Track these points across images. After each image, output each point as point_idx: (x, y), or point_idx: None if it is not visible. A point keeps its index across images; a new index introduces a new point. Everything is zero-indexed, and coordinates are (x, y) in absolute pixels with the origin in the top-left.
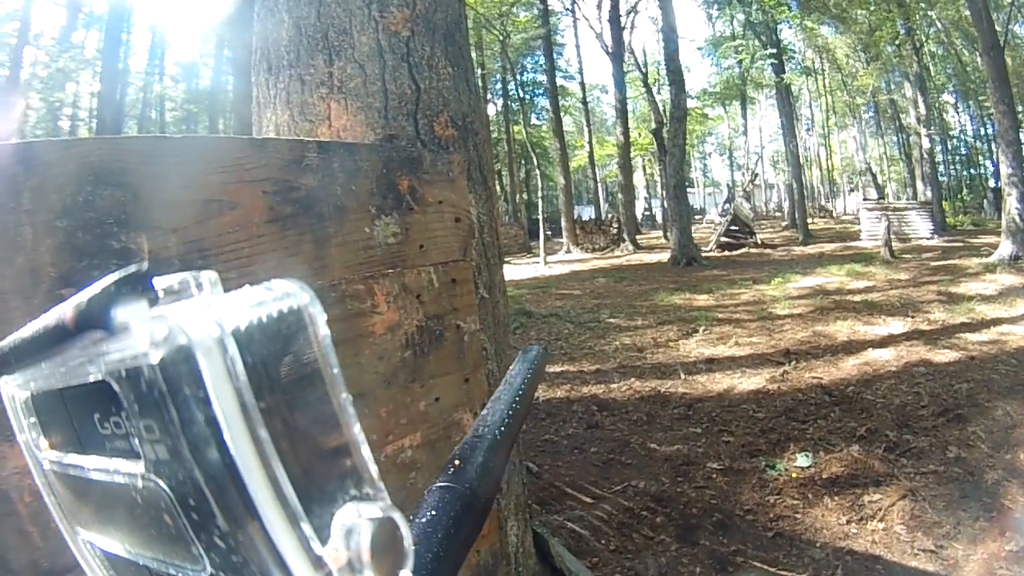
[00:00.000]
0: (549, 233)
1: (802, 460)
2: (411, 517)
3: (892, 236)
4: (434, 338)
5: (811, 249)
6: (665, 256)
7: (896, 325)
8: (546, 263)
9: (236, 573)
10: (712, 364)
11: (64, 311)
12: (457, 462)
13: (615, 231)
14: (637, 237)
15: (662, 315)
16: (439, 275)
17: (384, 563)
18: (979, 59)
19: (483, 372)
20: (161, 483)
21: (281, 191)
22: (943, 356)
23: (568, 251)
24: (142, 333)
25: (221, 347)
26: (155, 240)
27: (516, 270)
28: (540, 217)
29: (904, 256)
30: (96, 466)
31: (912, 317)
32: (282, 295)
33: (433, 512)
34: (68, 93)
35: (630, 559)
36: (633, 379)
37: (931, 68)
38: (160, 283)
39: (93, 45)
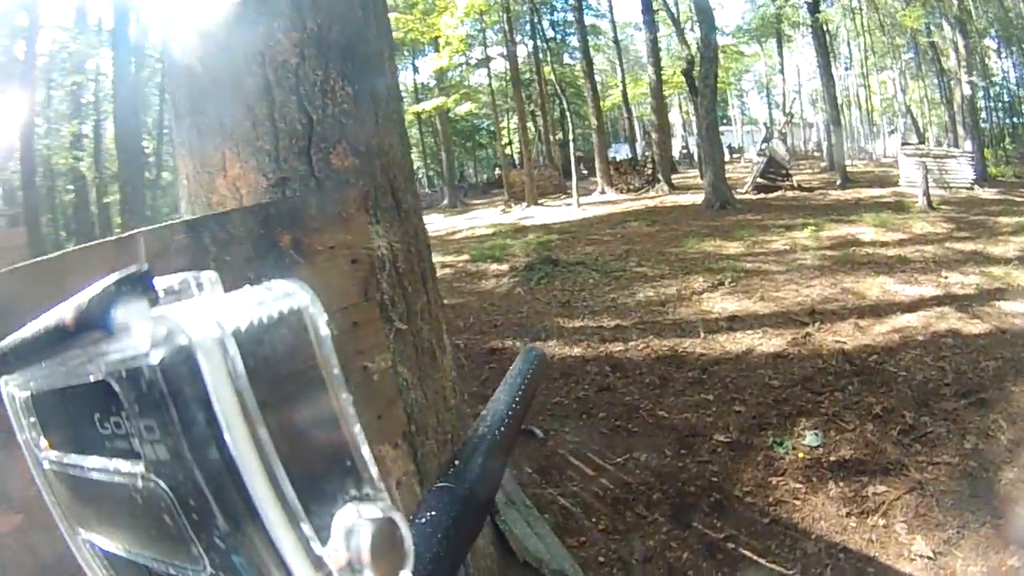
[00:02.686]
0: (585, 172)
1: (811, 439)
2: (411, 518)
3: (931, 184)
4: None
5: (848, 194)
6: (699, 198)
7: (928, 287)
8: (579, 205)
9: (236, 573)
10: (734, 322)
11: (64, 311)
12: (456, 463)
13: (650, 172)
14: (673, 177)
15: (690, 264)
16: (337, 322)
17: (384, 563)
18: (1021, 4)
19: (399, 405)
20: (161, 483)
21: None
22: (973, 327)
23: (602, 192)
24: (142, 333)
25: (221, 347)
26: None
27: (549, 212)
28: (571, 159)
29: (942, 207)
30: (96, 466)
31: (946, 278)
32: (282, 295)
33: (433, 513)
34: None
35: (617, 540)
36: (652, 336)
37: (972, 12)
38: (160, 283)
39: None
